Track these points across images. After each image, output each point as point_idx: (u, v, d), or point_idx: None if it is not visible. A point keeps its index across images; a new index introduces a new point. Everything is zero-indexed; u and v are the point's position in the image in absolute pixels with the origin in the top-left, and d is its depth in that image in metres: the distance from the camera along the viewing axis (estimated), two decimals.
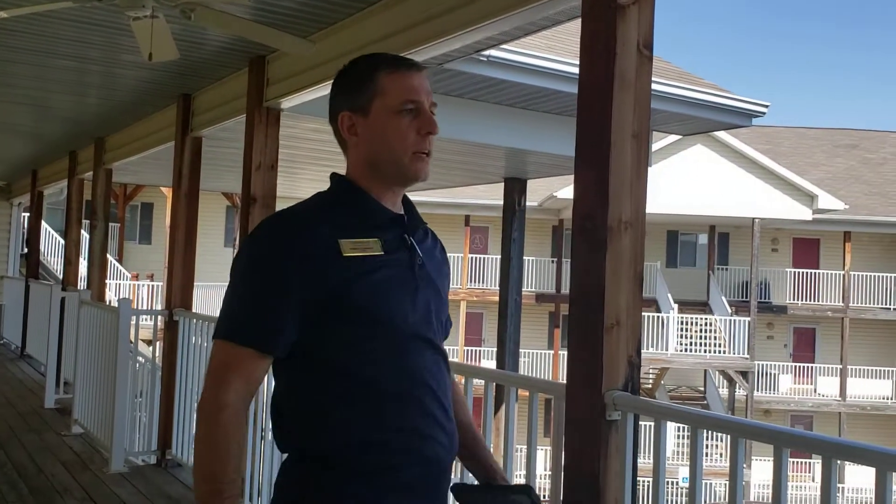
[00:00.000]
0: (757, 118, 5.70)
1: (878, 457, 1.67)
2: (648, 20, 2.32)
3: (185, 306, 5.50)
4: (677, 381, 22.16)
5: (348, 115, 1.57)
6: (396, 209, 1.60)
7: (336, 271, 1.47)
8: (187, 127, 5.57)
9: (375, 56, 1.62)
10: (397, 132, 1.54)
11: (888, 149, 26.52)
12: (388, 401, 1.49)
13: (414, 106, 1.54)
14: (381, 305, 1.50)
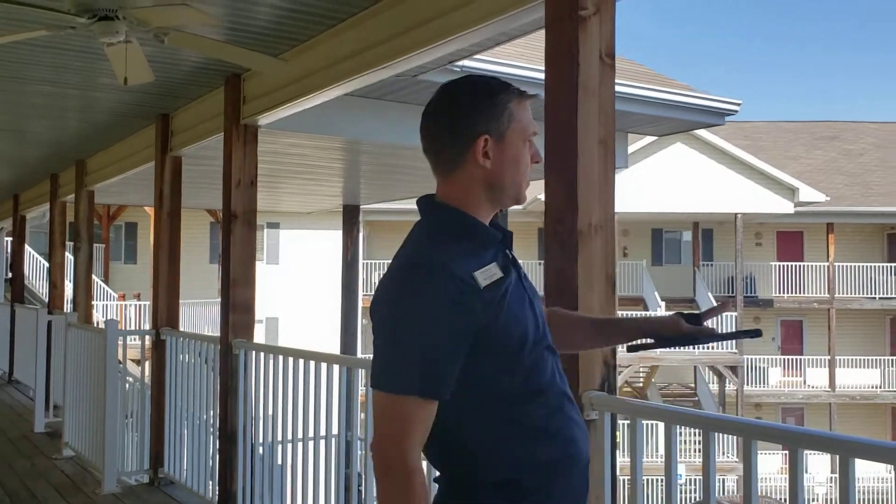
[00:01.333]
0: (730, 116, 5.79)
1: (841, 444, 1.73)
2: (609, 30, 2.39)
3: (172, 325, 5.53)
4: (668, 379, 22.27)
5: (488, 138, 1.57)
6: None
7: (481, 305, 1.48)
8: (167, 147, 5.60)
9: (499, 81, 1.63)
10: (521, 160, 1.61)
11: (867, 139, 26.81)
12: (547, 416, 1.56)
13: (534, 135, 1.63)
14: (518, 326, 1.54)
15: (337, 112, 5.05)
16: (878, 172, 24.32)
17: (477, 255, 1.54)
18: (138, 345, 5.83)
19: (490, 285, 1.50)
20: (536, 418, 1.55)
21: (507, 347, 1.52)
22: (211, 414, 4.77)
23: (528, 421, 1.54)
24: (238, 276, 4.51)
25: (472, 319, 1.47)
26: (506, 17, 2.77)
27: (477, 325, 1.48)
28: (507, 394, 1.53)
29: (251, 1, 3.47)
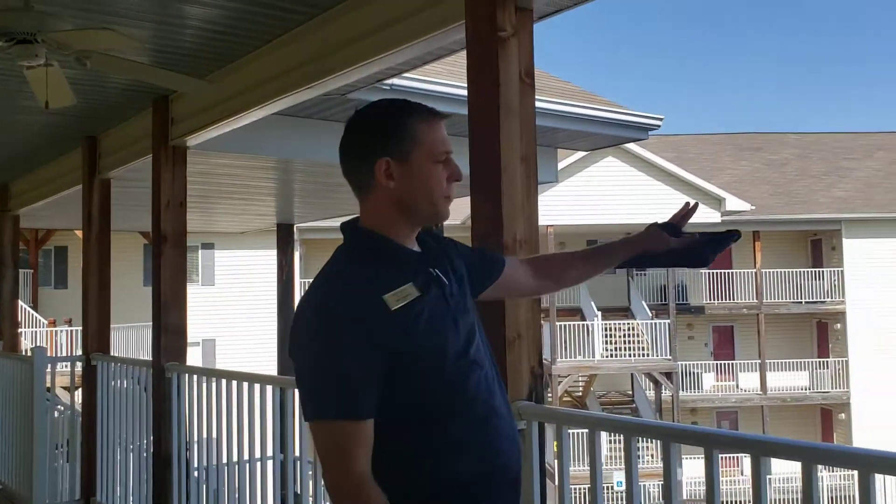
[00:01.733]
0: (653, 130, 5.98)
1: (753, 444, 1.82)
2: (528, 50, 2.47)
3: (103, 350, 5.41)
4: (606, 387, 22.62)
5: (387, 161, 1.61)
6: (414, 247, 1.67)
7: (391, 329, 1.51)
8: (94, 169, 5.51)
9: (403, 103, 1.67)
10: (437, 179, 1.62)
11: (789, 150, 27.80)
12: (470, 431, 1.57)
13: (446, 156, 1.64)
14: (436, 344, 1.56)
15: (267, 131, 5.04)
16: (800, 181, 25.24)
17: (390, 276, 1.56)
18: (69, 371, 5.69)
19: (403, 307, 1.53)
20: (458, 434, 1.56)
21: (424, 366, 1.54)
22: (145, 440, 4.69)
23: (448, 437, 1.56)
24: (169, 298, 4.45)
25: (382, 342, 1.50)
26: (429, 38, 2.83)
27: (387, 347, 1.50)
28: (426, 411, 1.56)
29: (177, 23, 3.46)
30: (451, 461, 1.56)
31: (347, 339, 1.50)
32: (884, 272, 22.39)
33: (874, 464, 1.59)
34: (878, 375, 21.92)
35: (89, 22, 3.32)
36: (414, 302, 1.55)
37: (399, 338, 1.52)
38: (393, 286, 1.55)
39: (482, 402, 1.60)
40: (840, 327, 22.81)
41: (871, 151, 27.21)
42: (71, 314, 17.50)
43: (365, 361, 1.50)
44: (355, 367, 1.50)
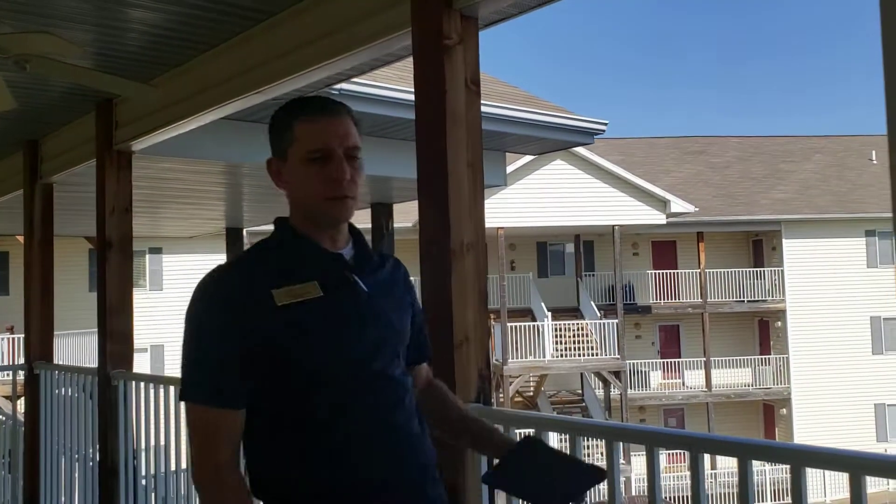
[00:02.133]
0: (598, 135, 6.09)
1: (692, 441, 1.89)
2: (474, 58, 2.51)
3: (46, 358, 5.30)
4: (557, 387, 22.86)
5: (275, 161, 1.63)
6: (338, 247, 1.62)
7: (270, 323, 1.49)
8: (36, 174, 5.39)
9: (299, 102, 1.63)
10: (307, 180, 1.57)
11: (731, 153, 28.49)
12: (342, 447, 1.51)
13: (321, 154, 1.56)
14: (319, 349, 1.51)
15: (214, 136, 5.00)
16: (741, 184, 25.88)
17: (290, 271, 1.55)
18: (10, 381, 5.56)
19: (294, 304, 1.51)
20: (333, 444, 1.51)
21: (307, 367, 1.51)
22: (91, 449, 4.61)
23: (322, 446, 1.51)
24: (115, 304, 4.39)
25: (255, 334, 1.49)
26: (375, 45, 2.85)
27: (262, 340, 1.49)
28: (304, 415, 1.52)
29: (120, 27, 3.42)
30: (321, 471, 1.51)
31: (215, 325, 1.51)
32: (821, 271, 23.11)
33: (804, 458, 1.67)
34: (817, 371, 22.60)
35: (28, 25, 3.26)
36: (312, 301, 1.52)
37: (280, 334, 1.49)
38: (292, 280, 1.53)
39: (372, 417, 1.54)
40: (781, 325, 23.46)
41: (809, 155, 28.05)
42: (12, 321, 17.04)
43: (231, 350, 1.49)
44: (219, 354, 1.50)
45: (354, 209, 1.63)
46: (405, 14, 2.57)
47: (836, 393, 22.40)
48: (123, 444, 4.21)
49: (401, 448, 1.58)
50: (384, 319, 1.63)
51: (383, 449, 1.55)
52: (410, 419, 1.62)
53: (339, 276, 1.59)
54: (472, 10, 2.48)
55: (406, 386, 1.64)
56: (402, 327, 1.68)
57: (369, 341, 1.58)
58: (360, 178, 1.63)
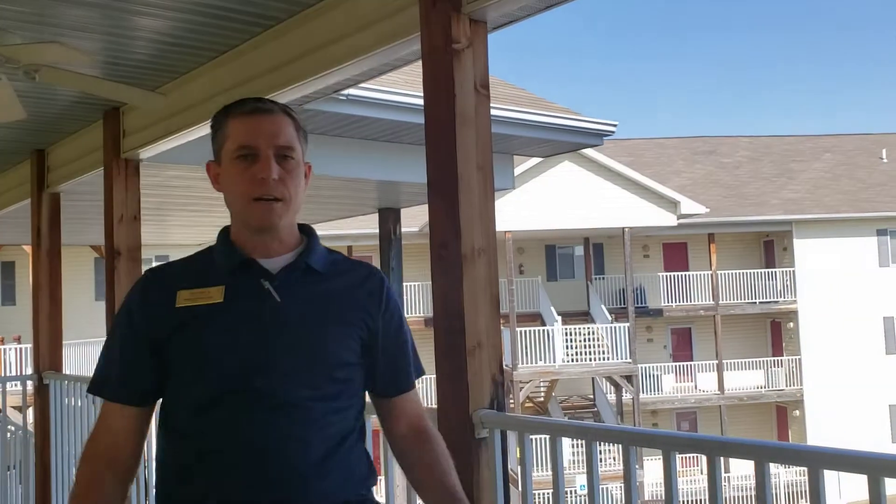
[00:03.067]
0: (607, 136, 6.06)
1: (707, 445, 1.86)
2: (483, 62, 2.49)
3: (55, 368, 5.30)
4: (568, 392, 22.79)
5: (212, 163, 1.59)
6: (272, 253, 1.55)
7: (165, 323, 1.49)
8: (43, 183, 5.40)
9: (236, 102, 1.60)
10: (231, 179, 1.54)
11: (741, 152, 28.39)
12: (194, 457, 1.46)
13: (247, 152, 1.51)
14: (195, 356, 1.47)
15: None
16: (752, 184, 25.77)
17: (205, 276, 1.53)
18: (20, 391, 5.56)
19: (189, 308, 1.49)
20: (185, 456, 1.49)
21: (181, 374, 1.49)
22: None
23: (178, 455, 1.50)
24: None
25: (148, 334, 1.51)
26: (384, 50, 2.84)
27: (154, 341, 1.50)
28: (173, 420, 1.51)
29: (128, 35, 3.41)
30: (172, 482, 1.50)
31: (119, 319, 1.57)
32: (833, 271, 22.97)
33: (822, 460, 1.64)
34: (830, 372, 22.45)
35: (38, 35, 3.27)
36: (208, 306, 1.49)
37: (169, 334, 1.49)
38: (202, 283, 1.51)
39: (233, 438, 1.45)
40: (793, 326, 23.33)
41: (819, 154, 27.92)
42: (20, 331, 17.11)
43: (127, 346, 1.53)
44: (118, 349, 1.55)
45: (287, 213, 1.54)
46: (414, 18, 2.55)
47: (849, 394, 22.24)
48: None
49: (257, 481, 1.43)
50: (297, 333, 1.50)
51: (233, 472, 1.44)
52: (305, 452, 1.45)
53: (252, 284, 1.52)
54: (480, 13, 2.47)
55: (317, 414, 1.48)
56: (324, 347, 1.52)
57: (256, 356, 1.47)
58: (294, 180, 1.55)
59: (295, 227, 1.61)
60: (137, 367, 1.52)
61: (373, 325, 1.59)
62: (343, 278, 1.61)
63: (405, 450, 1.68)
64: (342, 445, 1.52)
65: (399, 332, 1.66)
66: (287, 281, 1.53)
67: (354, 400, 1.58)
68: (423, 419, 1.70)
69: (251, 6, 3.12)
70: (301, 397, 1.48)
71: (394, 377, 1.66)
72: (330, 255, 1.63)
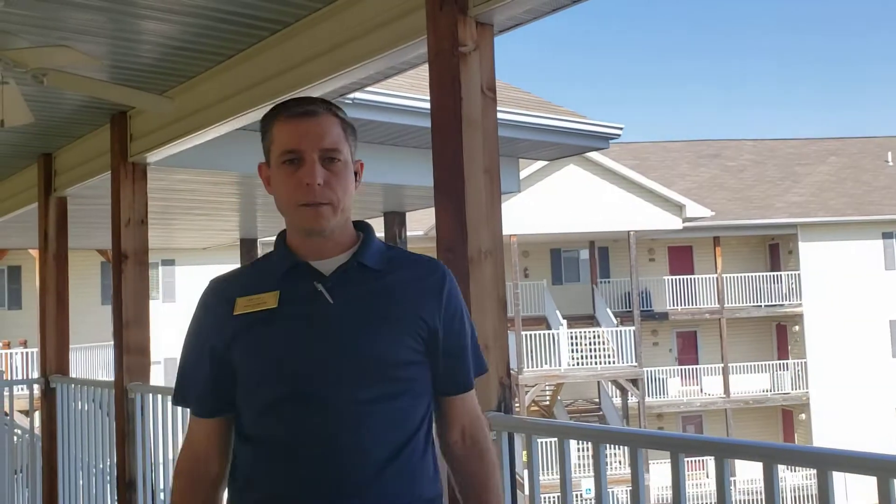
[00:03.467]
0: (613, 139, 6.06)
1: (716, 447, 1.86)
2: (489, 65, 2.50)
3: (62, 372, 5.31)
4: (573, 395, 22.75)
5: (263, 165, 1.57)
6: (325, 255, 1.53)
7: (226, 332, 1.50)
8: (50, 187, 5.42)
9: (283, 102, 1.57)
10: (279, 184, 1.52)
11: (746, 156, 28.34)
12: (264, 467, 1.47)
13: (292, 157, 1.49)
14: (259, 365, 1.48)
15: (229, 147, 5.01)
16: (757, 187, 25.73)
17: (261, 281, 1.53)
18: (26, 394, 5.57)
19: (246, 315, 1.49)
20: (245, 459, 1.51)
21: (244, 381, 1.50)
22: (108, 462, 4.60)
23: (238, 459, 1.53)
24: (131, 317, 4.39)
25: (212, 343, 1.52)
26: (391, 53, 2.84)
27: (218, 349, 1.51)
28: (239, 427, 1.53)
29: (135, 39, 3.43)
30: (239, 485, 1.52)
31: (190, 332, 1.58)
32: (838, 274, 22.91)
33: (831, 462, 1.63)
34: (836, 375, 22.38)
35: (46, 39, 3.28)
36: (263, 312, 1.49)
37: (229, 343, 1.50)
38: (259, 289, 1.51)
39: (286, 441, 1.45)
40: (798, 329, 23.26)
41: (823, 157, 27.86)
42: (26, 335, 17.16)
43: (197, 358, 1.55)
44: (189, 362, 1.57)
45: (335, 216, 1.51)
46: (420, 22, 2.56)
47: (855, 397, 22.17)
48: (141, 457, 4.20)
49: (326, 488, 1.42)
50: (346, 337, 1.47)
51: (298, 484, 1.44)
52: (362, 457, 1.43)
53: (306, 287, 1.50)
54: (487, 16, 2.47)
55: (375, 417, 1.45)
56: (378, 347, 1.48)
57: (308, 360, 1.46)
58: (341, 182, 1.51)
59: (349, 225, 1.58)
60: (208, 378, 1.53)
61: (432, 321, 1.53)
62: (401, 274, 1.56)
63: (454, 457, 1.63)
64: (404, 449, 1.47)
65: (461, 330, 1.59)
66: (340, 281, 1.51)
67: (419, 401, 1.52)
68: (477, 425, 1.63)
69: (258, 10, 3.13)
70: (355, 400, 1.45)
71: (452, 376, 1.59)
72: (388, 251, 1.59)
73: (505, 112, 5.20)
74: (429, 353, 1.54)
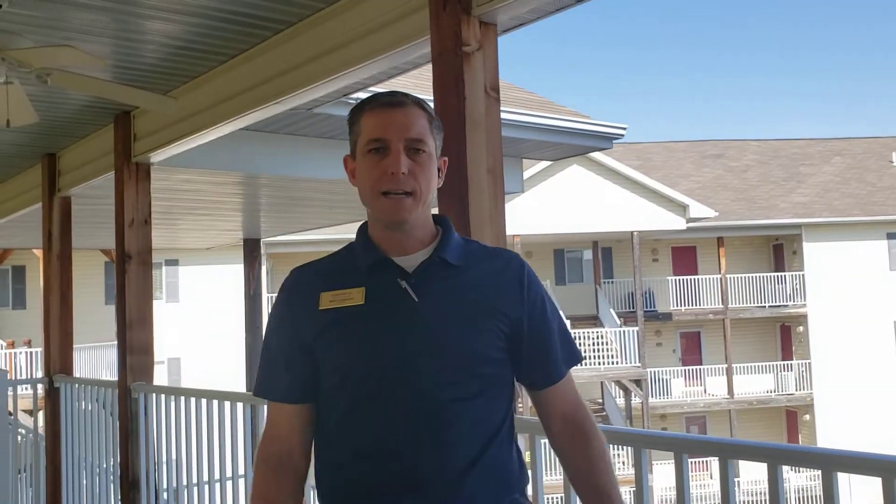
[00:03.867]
0: (617, 139, 6.04)
1: (719, 447, 1.85)
2: (493, 64, 2.49)
3: (66, 371, 5.32)
4: None
5: (349, 158, 1.57)
6: (409, 250, 1.52)
7: (310, 326, 1.50)
8: (54, 187, 5.43)
9: (371, 96, 1.57)
10: (363, 173, 1.51)
11: (750, 156, 28.30)
12: (351, 459, 1.48)
13: (378, 145, 1.49)
14: (346, 362, 1.48)
15: (232, 147, 5.01)
16: (761, 187, 25.69)
17: (345, 276, 1.53)
18: (30, 394, 5.58)
19: (331, 310, 1.49)
20: (333, 458, 1.52)
21: (331, 375, 1.50)
22: (112, 462, 4.61)
23: (326, 457, 1.53)
24: (134, 317, 4.40)
25: (299, 335, 1.53)
26: (395, 53, 2.84)
27: (304, 342, 1.52)
28: (323, 421, 1.54)
29: (138, 39, 3.43)
30: (323, 482, 1.52)
31: (272, 323, 1.59)
32: (842, 275, 22.86)
33: (836, 463, 1.63)
34: (840, 376, 22.33)
35: (50, 39, 3.29)
36: (350, 308, 1.49)
37: (315, 337, 1.50)
38: (343, 284, 1.51)
39: (373, 440, 1.46)
40: (802, 330, 23.22)
41: (828, 157, 27.81)
42: (30, 335, 17.19)
43: (284, 347, 1.56)
44: (275, 350, 1.57)
45: (417, 208, 1.50)
46: (424, 21, 2.56)
47: (860, 398, 22.11)
48: (144, 456, 4.21)
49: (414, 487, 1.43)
50: (432, 335, 1.47)
51: (387, 482, 1.44)
52: (450, 455, 1.43)
53: (390, 283, 1.50)
54: (490, 16, 2.47)
55: (461, 415, 1.45)
56: (464, 344, 1.47)
57: (395, 359, 1.46)
58: (425, 173, 1.50)
59: (429, 220, 1.57)
60: (289, 367, 1.54)
61: (514, 314, 1.52)
62: (481, 268, 1.55)
63: (560, 448, 1.61)
64: (490, 446, 1.47)
65: (543, 319, 1.56)
66: (424, 279, 1.50)
67: (502, 397, 1.52)
68: (579, 412, 1.61)
69: (261, 10, 3.13)
70: (443, 399, 1.45)
71: (541, 368, 1.57)
72: (467, 245, 1.59)
73: (508, 112, 5.18)
74: (512, 348, 1.53)
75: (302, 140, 5.36)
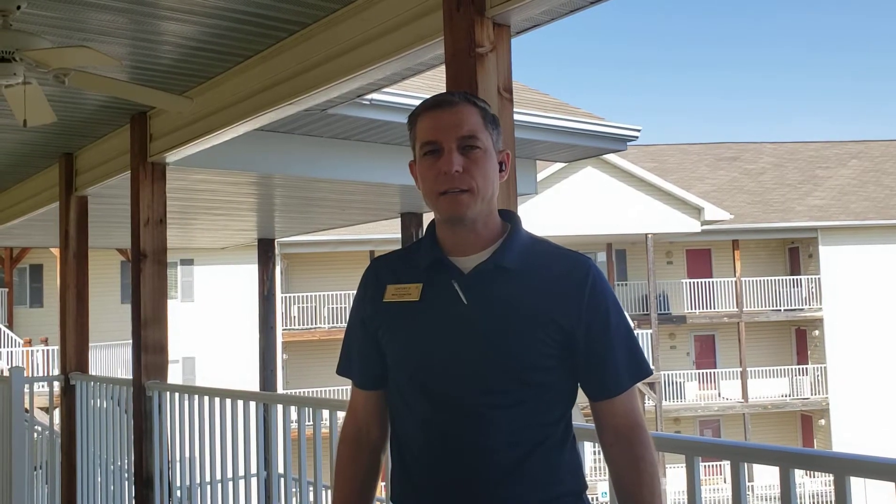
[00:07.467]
0: (631, 141, 6.02)
1: (730, 450, 1.84)
2: (506, 66, 2.49)
3: (82, 370, 5.37)
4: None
5: (412, 163, 1.60)
6: (469, 250, 1.53)
7: (377, 316, 1.58)
8: (71, 186, 5.48)
9: (426, 101, 1.59)
10: (423, 176, 1.54)
11: (766, 159, 28.13)
12: (402, 450, 1.55)
13: (432, 147, 1.51)
14: (396, 355, 1.55)
15: (247, 147, 5.04)
16: (776, 190, 25.53)
17: (408, 269, 1.58)
18: (46, 392, 5.63)
19: (392, 304, 1.56)
20: (395, 447, 1.60)
21: (393, 366, 1.58)
22: (126, 459, 4.64)
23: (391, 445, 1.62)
24: (149, 316, 4.43)
25: (368, 324, 1.61)
26: (408, 54, 2.85)
27: (373, 332, 1.60)
28: (390, 407, 1.62)
29: (155, 40, 3.46)
30: (395, 469, 1.59)
31: (353, 309, 1.67)
32: (859, 279, 22.67)
33: (848, 467, 1.62)
34: (856, 381, 22.14)
35: (67, 40, 3.32)
36: (407, 304, 1.54)
37: (378, 327, 1.59)
38: (407, 279, 1.57)
39: (416, 435, 1.52)
40: (818, 334, 23.04)
41: (844, 160, 27.60)
42: (47, 333, 17.34)
43: (357, 334, 1.64)
44: (351, 336, 1.67)
45: (475, 204, 1.49)
46: (437, 23, 2.56)
47: (876, 403, 21.92)
48: (158, 454, 4.23)
49: (453, 487, 1.47)
50: (476, 340, 1.47)
51: (429, 476, 1.51)
52: (488, 460, 1.44)
53: (443, 283, 1.52)
54: (504, 17, 2.47)
55: (501, 421, 1.44)
56: (509, 351, 1.45)
57: (437, 360, 1.49)
58: (481, 169, 1.50)
59: (493, 216, 1.56)
60: (365, 353, 1.62)
61: (568, 323, 1.48)
62: (540, 273, 1.52)
63: (609, 460, 1.57)
64: (534, 453, 1.46)
65: (605, 329, 1.51)
66: (477, 282, 1.50)
67: (553, 405, 1.50)
68: (634, 432, 1.53)
69: (276, 11, 3.15)
70: (480, 404, 1.45)
71: (596, 379, 1.53)
72: (533, 246, 1.56)
73: (521, 114, 5.18)
74: (566, 356, 1.49)
75: (316, 141, 5.38)
